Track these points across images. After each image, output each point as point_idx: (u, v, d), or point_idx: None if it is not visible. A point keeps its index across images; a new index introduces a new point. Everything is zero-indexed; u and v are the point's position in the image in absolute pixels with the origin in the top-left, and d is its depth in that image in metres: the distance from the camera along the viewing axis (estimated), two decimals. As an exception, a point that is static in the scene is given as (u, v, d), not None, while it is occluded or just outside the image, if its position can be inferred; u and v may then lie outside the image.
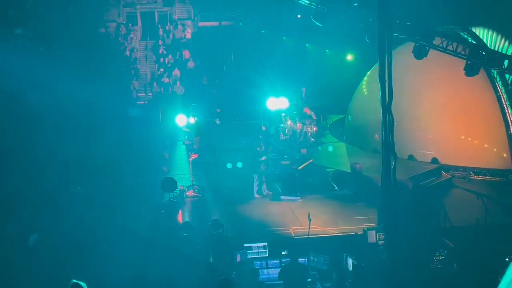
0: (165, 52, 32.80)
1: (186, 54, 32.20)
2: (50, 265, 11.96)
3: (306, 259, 13.19)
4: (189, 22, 35.08)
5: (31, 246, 12.70)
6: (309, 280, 12.72)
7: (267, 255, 13.42)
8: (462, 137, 19.54)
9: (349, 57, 28.79)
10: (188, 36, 34.11)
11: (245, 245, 13.38)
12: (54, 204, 14.59)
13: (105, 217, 14.59)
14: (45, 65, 19.47)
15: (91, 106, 20.58)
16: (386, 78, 8.95)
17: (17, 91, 17.73)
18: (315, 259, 13.16)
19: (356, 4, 17.93)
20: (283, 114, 23.76)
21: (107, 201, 15.72)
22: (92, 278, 11.68)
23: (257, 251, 13.41)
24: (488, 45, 18.82)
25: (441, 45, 17.38)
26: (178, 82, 30.29)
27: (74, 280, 7.97)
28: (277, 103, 23.65)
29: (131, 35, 33.56)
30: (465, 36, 19.62)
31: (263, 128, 21.23)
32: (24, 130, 17.79)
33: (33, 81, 18.22)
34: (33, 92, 17.99)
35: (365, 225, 14.30)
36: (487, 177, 18.65)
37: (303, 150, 19.28)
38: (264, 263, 13.33)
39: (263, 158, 17.64)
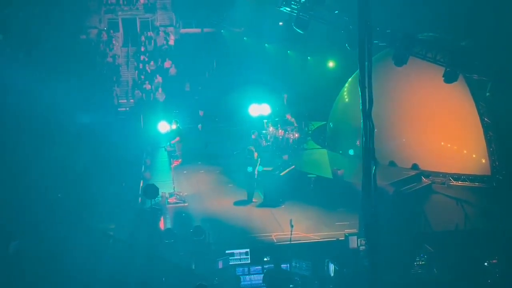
0: (146, 59, 32.73)
1: (167, 64, 32.16)
2: (30, 272, 11.85)
3: (288, 265, 13.24)
4: (171, 29, 35.06)
5: (11, 253, 12.58)
6: (291, 286, 12.76)
7: (249, 262, 13.45)
8: (442, 143, 19.74)
9: (331, 63, 28.96)
10: (170, 42, 34.08)
11: (227, 251, 13.39)
12: (34, 211, 14.47)
13: (85, 224, 14.50)
14: (25, 71, 19.34)
15: (71, 113, 20.48)
16: (366, 85, 9.01)
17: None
18: (297, 265, 13.21)
19: (337, 11, 18.06)
20: (265, 121, 23.84)
21: (88, 208, 15.63)
22: (73, 285, 11.66)
23: (239, 257, 13.44)
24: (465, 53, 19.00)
25: (420, 52, 17.59)
26: (160, 89, 30.23)
27: None
28: (259, 110, 23.74)
29: (113, 42, 33.45)
30: (444, 44, 19.84)
31: (253, 136, 21.23)
32: (3, 137, 17.62)
33: (12, 88, 18.08)
34: (13, 98, 17.85)
35: (347, 231, 14.38)
36: (466, 182, 18.87)
37: (285, 157, 19.35)
38: (246, 269, 13.34)
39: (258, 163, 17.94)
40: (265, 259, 13.41)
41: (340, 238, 14.09)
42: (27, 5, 23.58)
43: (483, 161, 19.10)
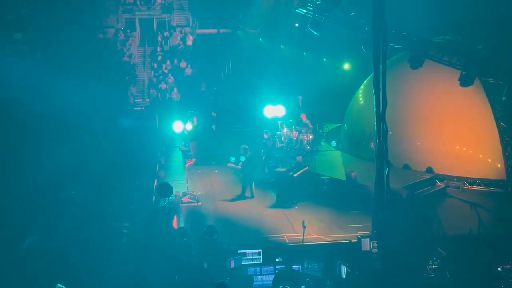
0: (161, 58, 32.92)
1: (183, 64, 32.32)
2: (44, 269, 11.98)
3: (300, 266, 13.26)
4: (187, 29, 35.25)
5: (26, 249, 12.72)
6: (302, 287, 12.77)
7: (261, 262, 13.47)
8: (457, 147, 19.64)
9: (346, 66, 28.94)
10: (189, 43, 34.25)
11: (239, 251, 13.43)
12: (49, 208, 14.63)
13: (99, 221, 14.62)
14: (42, 70, 19.55)
15: (88, 111, 20.65)
16: (381, 87, 9.03)
17: (14, 96, 17.79)
18: (309, 266, 13.23)
19: (352, 13, 18.07)
20: (279, 122, 23.88)
21: (102, 205, 15.76)
22: (86, 283, 11.77)
23: (251, 257, 13.46)
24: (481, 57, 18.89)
25: (436, 55, 17.53)
26: (175, 89, 30.38)
27: (59, 285, 7.99)
28: (273, 111, 23.77)
29: (130, 41, 33.69)
30: (460, 47, 19.72)
31: (265, 136, 21.28)
32: (20, 135, 17.84)
33: (30, 87, 18.29)
34: (31, 97, 18.05)
35: (359, 233, 14.37)
36: (481, 187, 18.73)
37: (299, 158, 19.37)
38: (258, 269, 13.38)
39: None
40: (277, 259, 13.44)
41: (352, 240, 14.08)
42: (45, 4, 23.83)
43: (499, 165, 18.94)
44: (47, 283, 10.99)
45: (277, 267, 13.29)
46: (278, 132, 23.53)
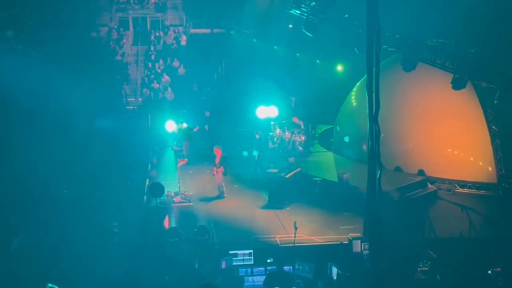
0: (154, 58, 32.85)
1: (176, 64, 32.27)
2: (33, 269, 11.90)
3: (291, 267, 13.25)
4: (181, 29, 35.23)
5: (14, 249, 12.63)
6: (293, 288, 12.78)
7: (252, 263, 13.45)
8: (449, 150, 19.72)
9: (339, 67, 29.00)
10: (182, 43, 34.21)
11: (230, 252, 13.39)
12: (39, 208, 14.53)
13: (91, 221, 14.55)
14: (36, 68, 19.43)
15: (80, 110, 20.57)
16: (374, 89, 9.03)
17: (7, 94, 17.68)
18: (300, 267, 13.22)
19: (346, 15, 18.09)
20: (272, 123, 23.89)
21: (94, 205, 15.69)
22: (77, 282, 11.71)
23: (242, 258, 13.42)
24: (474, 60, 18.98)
25: (429, 58, 17.59)
26: (169, 88, 30.32)
27: (50, 285, 7.93)
28: (266, 112, 23.78)
29: (123, 40, 33.60)
30: (453, 50, 19.82)
31: (257, 136, 21.30)
32: (12, 133, 17.73)
33: (24, 85, 18.18)
34: (24, 95, 17.96)
35: (351, 235, 14.38)
36: (472, 190, 18.84)
37: (291, 159, 19.38)
38: (249, 270, 13.35)
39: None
40: (268, 260, 13.43)
41: (344, 242, 14.08)
42: (39, 2, 23.70)
43: (490, 169, 19.05)
44: (38, 283, 10.93)
45: (268, 268, 13.27)
46: (271, 133, 23.54)
